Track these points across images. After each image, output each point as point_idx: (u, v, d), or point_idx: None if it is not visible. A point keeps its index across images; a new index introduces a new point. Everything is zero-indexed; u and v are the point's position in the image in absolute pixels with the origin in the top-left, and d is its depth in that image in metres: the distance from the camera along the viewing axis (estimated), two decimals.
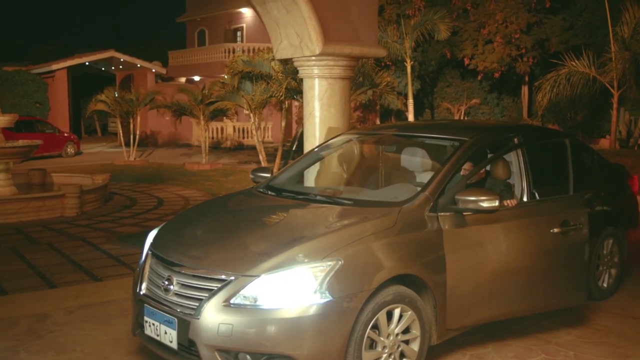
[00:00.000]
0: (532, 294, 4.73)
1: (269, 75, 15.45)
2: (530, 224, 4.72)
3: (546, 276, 4.76)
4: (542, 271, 4.73)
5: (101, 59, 30.54)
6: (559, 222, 4.78)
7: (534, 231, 4.71)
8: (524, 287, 4.64)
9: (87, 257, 7.51)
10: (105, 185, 11.96)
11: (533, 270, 4.67)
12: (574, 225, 4.84)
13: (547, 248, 4.73)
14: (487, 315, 4.52)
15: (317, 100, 6.82)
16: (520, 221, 4.67)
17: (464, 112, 23.21)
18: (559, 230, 4.76)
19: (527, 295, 4.70)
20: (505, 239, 4.54)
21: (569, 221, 4.83)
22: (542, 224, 4.75)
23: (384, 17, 20.93)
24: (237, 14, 33.24)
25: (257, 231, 4.27)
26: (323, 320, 3.58)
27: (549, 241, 4.75)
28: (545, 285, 4.79)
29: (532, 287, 4.70)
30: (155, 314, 3.90)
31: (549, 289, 4.84)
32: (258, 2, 6.95)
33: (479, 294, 4.37)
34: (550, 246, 4.76)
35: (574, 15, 19.88)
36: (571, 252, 4.90)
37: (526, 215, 4.73)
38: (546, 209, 4.84)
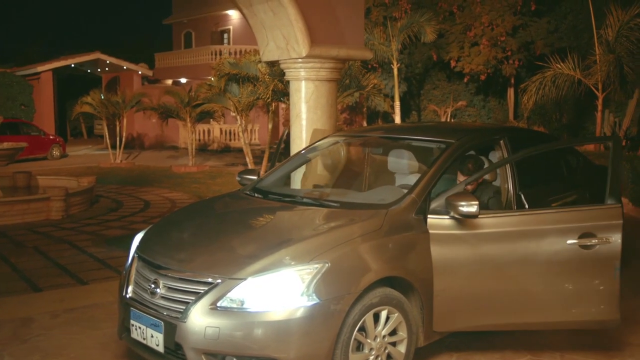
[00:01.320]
0: (539, 307, 4.39)
1: (255, 77, 15.42)
2: (534, 232, 4.36)
3: (557, 291, 4.35)
4: (551, 285, 4.34)
5: (87, 61, 30.34)
6: (577, 233, 4.30)
7: (538, 241, 4.34)
8: (527, 298, 4.34)
9: (72, 260, 7.47)
10: (91, 188, 11.89)
11: (537, 282, 4.33)
12: (598, 237, 4.30)
13: (557, 260, 4.32)
14: (480, 323, 4.39)
15: (304, 103, 6.82)
16: (520, 228, 4.36)
17: (450, 114, 23.29)
18: (577, 241, 4.30)
19: (532, 308, 4.38)
20: (499, 246, 4.31)
21: (591, 233, 4.32)
22: (552, 234, 4.33)
23: (370, 19, 20.97)
24: (224, 16, 33.19)
25: (243, 234, 4.27)
26: (310, 323, 3.58)
27: (560, 253, 4.32)
28: (555, 301, 4.38)
29: (537, 300, 4.37)
30: (142, 318, 3.89)
31: (562, 305, 4.39)
32: (244, 4, 6.94)
33: (469, 299, 4.29)
34: (562, 259, 4.32)
35: (559, 18, 20.02)
36: (594, 267, 4.36)
37: (518, 221, 4.43)
38: (555, 218, 4.44)
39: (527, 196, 4.88)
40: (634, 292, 6.05)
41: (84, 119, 33.97)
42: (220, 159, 22.35)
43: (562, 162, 5.98)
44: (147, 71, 31.86)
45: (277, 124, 24.75)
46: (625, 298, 5.41)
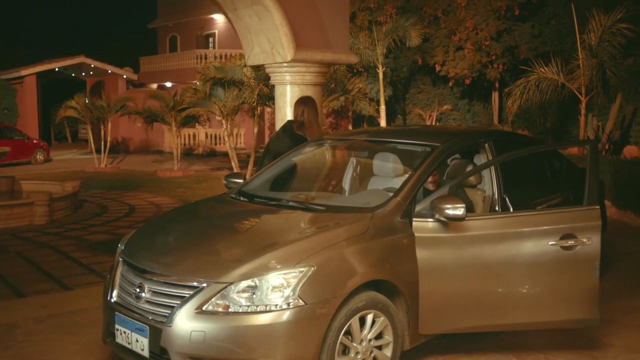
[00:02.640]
0: (522, 308, 4.43)
1: (241, 81, 15.42)
2: (517, 234, 4.40)
3: (539, 291, 4.41)
4: (534, 285, 4.40)
5: (71, 65, 30.21)
6: (559, 235, 4.37)
7: (521, 242, 4.38)
8: (510, 299, 4.39)
9: (56, 265, 7.42)
10: (76, 193, 11.81)
11: (520, 283, 4.38)
12: (578, 238, 4.35)
13: (539, 262, 4.37)
14: (465, 325, 4.40)
15: (289, 107, 6.83)
16: (503, 230, 4.41)
17: (435, 118, 23.39)
18: (557, 243, 4.35)
19: (515, 309, 4.41)
20: (483, 248, 4.33)
21: (572, 234, 4.37)
22: (534, 235, 4.38)
23: (355, 23, 21.03)
24: (209, 20, 33.15)
25: (229, 237, 4.26)
26: (296, 327, 3.58)
27: (542, 254, 4.37)
28: (538, 301, 4.43)
29: (520, 301, 4.41)
30: (127, 322, 3.87)
31: (544, 305, 4.45)
32: (230, 8, 6.95)
33: (454, 301, 4.31)
34: (545, 260, 4.37)
35: (543, 23, 20.19)
36: (575, 268, 4.41)
37: (502, 223, 4.49)
38: (537, 220, 4.47)
39: (511, 199, 4.92)
40: (616, 293, 6.10)
41: (68, 123, 33.79)
42: (205, 163, 22.30)
43: (546, 165, 6.03)
44: (132, 75, 31.74)
45: (263, 128, 24.74)
46: (607, 299, 5.47)
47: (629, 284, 6.53)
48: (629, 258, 7.65)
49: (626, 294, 6.16)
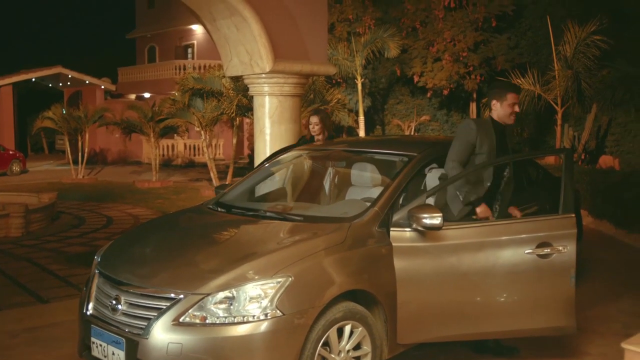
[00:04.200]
0: (499, 316, 4.44)
1: (220, 92, 15.40)
2: (494, 243, 4.41)
3: (516, 299, 4.43)
4: (511, 293, 4.41)
5: (48, 75, 29.94)
6: (535, 243, 4.40)
7: (498, 251, 4.40)
8: (488, 308, 4.40)
9: (32, 278, 7.33)
10: (52, 204, 11.69)
11: (497, 292, 4.40)
12: (554, 246, 4.38)
13: (516, 270, 4.39)
14: (443, 334, 4.42)
15: (268, 118, 6.84)
16: (480, 239, 4.43)
17: (414, 128, 23.52)
18: (534, 251, 4.37)
19: (492, 317, 4.43)
20: (460, 257, 4.35)
21: (548, 242, 4.40)
22: (511, 244, 4.40)
23: (334, 34, 21.12)
24: (188, 31, 33.11)
25: (206, 248, 4.24)
26: (274, 338, 3.56)
27: (519, 263, 4.39)
28: (515, 309, 4.45)
29: (497, 310, 4.42)
30: (103, 335, 3.83)
31: (521, 313, 4.46)
32: (208, 19, 6.95)
33: (432, 310, 4.32)
34: (521, 268, 4.39)
35: (519, 35, 20.42)
36: (552, 276, 4.44)
37: (479, 232, 4.49)
38: (514, 228, 4.50)
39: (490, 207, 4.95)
40: (592, 302, 6.17)
41: (45, 134, 33.49)
42: (184, 174, 22.19)
43: (522, 174, 6.08)
44: (110, 86, 31.56)
45: (242, 139, 24.71)
46: (583, 308, 5.52)
47: (604, 292, 6.60)
48: (604, 266, 7.74)
49: (602, 303, 6.22)
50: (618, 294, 6.52)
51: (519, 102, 4.84)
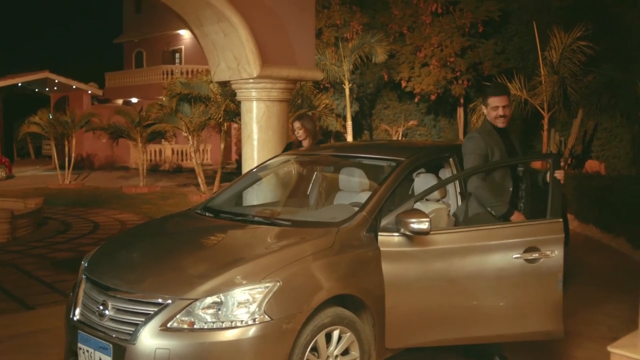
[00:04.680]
0: (487, 321, 4.47)
1: (207, 97, 15.39)
2: (481, 248, 4.43)
3: (504, 304, 4.46)
4: (499, 298, 4.44)
5: (35, 80, 29.77)
6: (522, 248, 4.41)
7: (485, 256, 4.42)
8: (476, 313, 4.43)
9: (18, 284, 7.28)
10: (39, 210, 11.62)
11: (485, 297, 4.42)
12: (541, 251, 4.40)
13: (504, 274, 4.41)
14: (431, 338, 4.42)
15: (255, 123, 6.84)
16: (467, 244, 4.45)
17: (401, 133, 23.58)
18: (521, 256, 4.39)
19: (480, 322, 4.45)
20: (448, 261, 4.37)
21: (535, 247, 4.42)
22: (498, 249, 4.42)
23: (322, 40, 21.14)
24: (176, 36, 33.05)
25: (194, 253, 4.23)
26: (262, 343, 3.56)
27: (507, 267, 4.40)
28: (503, 314, 4.47)
29: (486, 314, 4.45)
30: (90, 341, 3.81)
31: (509, 318, 4.49)
32: (196, 24, 6.95)
33: (420, 315, 4.34)
34: (509, 273, 4.41)
35: (506, 40, 20.53)
36: (539, 280, 4.46)
37: (467, 237, 4.50)
38: (501, 233, 4.53)
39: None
40: (578, 306, 6.20)
41: (31, 139, 33.23)
42: (172, 180, 22.12)
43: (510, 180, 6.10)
44: (97, 91, 31.43)
45: (230, 144, 24.67)
46: (570, 312, 5.55)
47: (590, 296, 6.64)
48: (591, 271, 7.79)
49: (589, 306, 6.26)
50: (604, 298, 6.57)
51: (506, 104, 4.81)
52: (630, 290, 5.09)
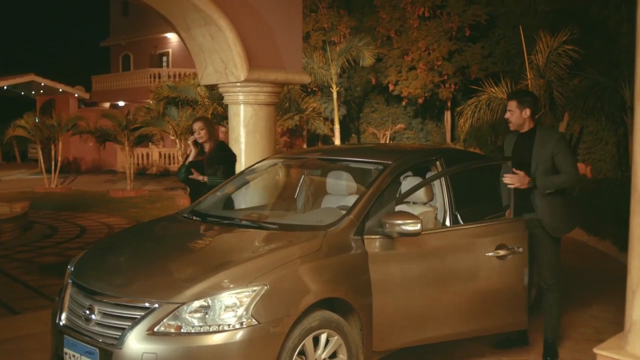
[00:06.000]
0: (466, 317, 4.66)
1: (195, 100, 15.37)
2: (461, 246, 4.67)
3: (480, 299, 4.68)
4: (475, 294, 4.65)
5: (21, 83, 29.53)
6: (494, 245, 4.70)
7: (464, 254, 4.66)
8: (455, 310, 4.59)
9: (4, 289, 7.22)
10: (25, 214, 11.54)
11: (464, 293, 4.61)
12: (510, 248, 4.73)
13: (480, 271, 4.67)
14: (416, 338, 4.51)
15: (243, 127, 6.84)
16: (448, 244, 4.63)
17: (389, 136, 23.64)
18: (494, 253, 4.67)
19: (460, 318, 4.63)
20: (431, 261, 4.52)
21: (504, 244, 4.73)
22: (475, 247, 4.68)
23: (309, 43, 21.17)
24: (163, 39, 32.96)
25: (181, 257, 4.22)
26: (249, 347, 3.55)
27: (482, 264, 4.68)
28: (479, 309, 4.70)
29: (464, 310, 4.64)
30: (76, 345, 3.78)
31: (484, 312, 4.74)
32: (183, 28, 6.94)
33: (406, 316, 4.40)
34: (484, 269, 4.70)
35: (492, 44, 20.65)
36: (508, 275, 4.79)
37: (454, 237, 4.71)
38: (477, 232, 4.78)
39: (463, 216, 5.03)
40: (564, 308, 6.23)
41: (17, 142, 32.97)
42: (159, 183, 22.03)
43: (496, 182, 6.13)
44: (83, 94, 31.25)
45: None
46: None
47: (576, 298, 6.68)
48: (575, 272, 7.84)
49: (574, 308, 6.30)
50: (590, 300, 6.61)
51: (511, 109, 5.05)
52: (616, 292, 5.12)
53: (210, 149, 6.38)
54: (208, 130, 6.36)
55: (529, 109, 4.98)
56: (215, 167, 6.20)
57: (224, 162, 6.26)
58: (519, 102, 4.99)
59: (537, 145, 4.93)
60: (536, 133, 4.98)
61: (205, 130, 6.35)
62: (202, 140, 6.38)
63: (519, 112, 4.97)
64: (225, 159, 6.34)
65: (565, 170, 4.83)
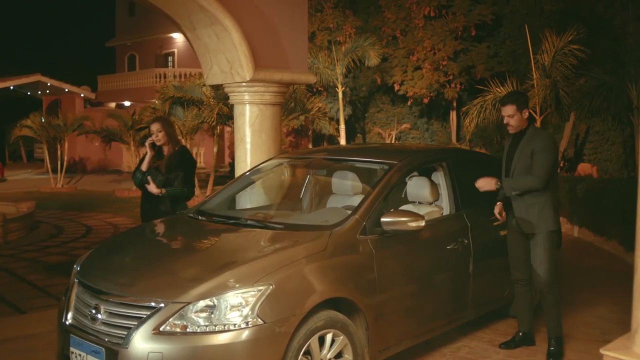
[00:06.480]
0: (460, 306, 5.09)
1: (200, 100, 15.37)
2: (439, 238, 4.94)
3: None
4: (449, 285, 4.96)
5: (27, 84, 29.64)
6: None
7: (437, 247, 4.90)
8: (442, 300, 4.91)
9: (10, 288, 7.25)
10: (31, 214, 11.58)
11: (442, 285, 4.91)
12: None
13: (446, 263, 4.93)
14: (419, 334, 4.68)
15: (248, 127, 6.83)
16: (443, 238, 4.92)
17: (394, 136, 23.61)
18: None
19: (456, 308, 5.05)
20: (431, 257, 4.77)
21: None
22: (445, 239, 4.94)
23: (315, 43, 21.16)
24: (168, 39, 33.01)
25: (187, 257, 4.23)
26: (255, 346, 3.55)
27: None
28: (453, 299, 5.06)
29: (458, 300, 5.04)
30: (82, 345, 3.79)
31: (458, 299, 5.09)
32: (188, 28, 6.94)
33: (409, 312, 4.49)
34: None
35: (498, 44, 20.60)
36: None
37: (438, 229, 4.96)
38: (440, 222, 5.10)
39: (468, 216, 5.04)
40: (571, 308, 6.22)
41: (23, 142, 33.11)
42: None
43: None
44: (89, 94, 31.34)
45: (223, 147, 24.65)
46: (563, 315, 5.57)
47: (583, 298, 6.66)
48: (583, 273, 7.82)
49: (580, 309, 6.28)
50: (596, 300, 6.59)
51: (510, 114, 4.99)
52: (623, 293, 5.10)
53: (169, 152, 6.01)
54: (167, 132, 5.97)
55: (527, 109, 5.01)
56: (173, 173, 5.84)
57: (183, 168, 5.89)
58: (518, 105, 4.96)
59: (523, 141, 4.97)
60: (527, 131, 5.01)
61: (163, 132, 5.94)
62: (160, 143, 5.97)
63: (520, 115, 4.96)
64: (185, 164, 5.98)
65: (534, 172, 4.83)
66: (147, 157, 6.00)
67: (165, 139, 5.96)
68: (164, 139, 5.95)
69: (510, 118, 4.98)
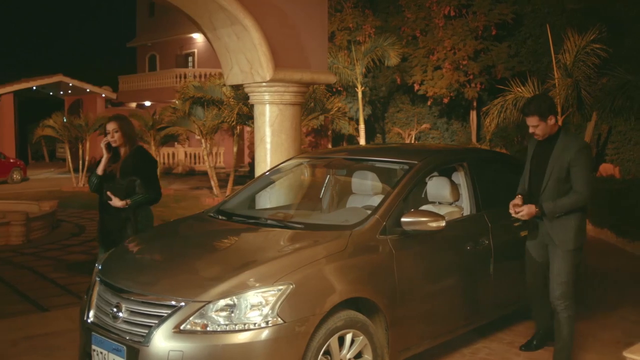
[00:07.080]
0: (480, 307, 5.10)
1: (220, 100, 15.43)
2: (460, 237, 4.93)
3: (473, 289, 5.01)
4: (469, 284, 4.93)
5: (49, 84, 29.99)
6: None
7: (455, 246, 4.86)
8: (472, 301, 4.94)
9: (33, 286, 7.32)
10: (53, 212, 11.69)
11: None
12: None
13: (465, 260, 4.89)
14: (439, 334, 4.67)
15: (268, 126, 6.84)
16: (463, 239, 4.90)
17: (414, 136, 23.53)
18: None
19: (475, 309, 5.04)
20: (451, 257, 4.76)
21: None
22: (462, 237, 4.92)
23: (334, 43, 21.16)
24: (189, 39, 33.18)
25: (207, 256, 4.24)
26: (275, 346, 3.56)
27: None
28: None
29: (478, 301, 5.04)
30: (104, 342, 3.82)
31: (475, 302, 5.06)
32: (209, 28, 6.97)
33: (431, 315, 4.48)
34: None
35: (519, 43, 20.46)
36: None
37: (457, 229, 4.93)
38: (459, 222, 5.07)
39: (489, 216, 5.01)
40: (593, 309, 6.16)
41: (45, 142, 33.53)
42: (184, 183, 22.19)
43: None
44: (110, 94, 31.60)
45: (242, 147, 24.72)
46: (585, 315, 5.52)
47: (605, 299, 6.59)
48: (606, 274, 7.73)
49: (603, 310, 6.21)
50: (619, 302, 6.51)
51: (535, 124, 4.66)
52: None
53: (126, 154, 5.42)
54: (124, 132, 5.39)
55: (552, 115, 4.63)
56: (130, 177, 5.33)
57: (141, 171, 5.40)
58: (540, 115, 4.60)
59: (555, 151, 4.63)
60: (558, 139, 4.67)
61: (120, 132, 5.38)
62: (117, 144, 5.41)
63: (544, 124, 4.62)
64: (143, 165, 5.45)
65: (577, 189, 4.53)
66: (102, 159, 5.46)
67: (122, 140, 5.39)
68: (120, 140, 5.38)
69: (535, 128, 4.67)
